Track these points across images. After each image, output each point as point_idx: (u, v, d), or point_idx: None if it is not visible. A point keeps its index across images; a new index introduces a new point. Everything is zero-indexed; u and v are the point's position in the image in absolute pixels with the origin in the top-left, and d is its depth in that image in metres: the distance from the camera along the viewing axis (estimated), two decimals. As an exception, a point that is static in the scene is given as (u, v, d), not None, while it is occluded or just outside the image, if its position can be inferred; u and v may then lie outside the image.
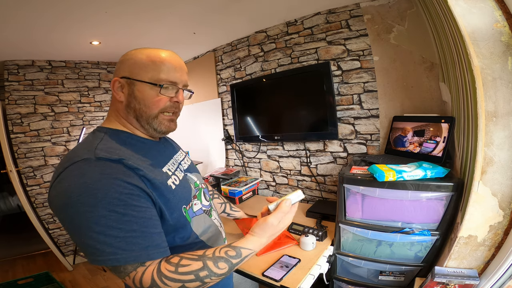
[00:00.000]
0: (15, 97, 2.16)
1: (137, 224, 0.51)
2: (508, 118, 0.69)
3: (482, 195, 0.75)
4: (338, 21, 1.52)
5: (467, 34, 0.70)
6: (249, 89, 1.96)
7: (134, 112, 0.63)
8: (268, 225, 0.60)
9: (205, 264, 0.53)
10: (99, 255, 0.48)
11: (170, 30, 1.81)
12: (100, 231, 0.48)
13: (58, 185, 0.52)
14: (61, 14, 1.42)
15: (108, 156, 0.53)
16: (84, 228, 0.48)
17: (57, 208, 0.52)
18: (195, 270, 0.52)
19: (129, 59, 0.63)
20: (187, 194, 0.68)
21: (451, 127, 1.06)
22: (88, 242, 0.49)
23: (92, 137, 0.61)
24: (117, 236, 0.49)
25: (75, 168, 0.51)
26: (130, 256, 0.50)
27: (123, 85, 0.62)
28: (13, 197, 3.75)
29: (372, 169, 1.00)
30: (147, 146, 0.66)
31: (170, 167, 0.67)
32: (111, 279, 2.21)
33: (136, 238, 0.50)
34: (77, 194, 0.48)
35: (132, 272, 0.51)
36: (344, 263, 1.20)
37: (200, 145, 2.49)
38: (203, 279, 0.52)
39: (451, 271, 0.83)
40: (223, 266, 0.54)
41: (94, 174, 0.50)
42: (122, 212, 0.49)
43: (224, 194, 1.90)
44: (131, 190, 0.52)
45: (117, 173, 0.52)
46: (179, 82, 0.64)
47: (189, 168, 0.80)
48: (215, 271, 0.53)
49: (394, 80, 1.38)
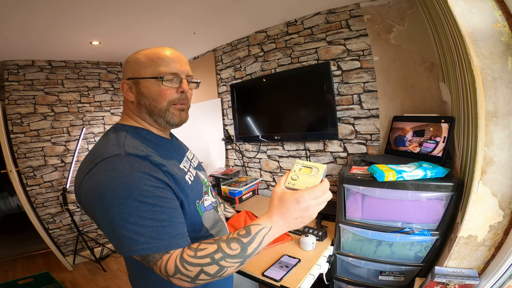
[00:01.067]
0: (15, 97, 2.16)
1: (165, 214, 0.54)
2: (508, 118, 0.69)
3: (482, 195, 0.75)
4: (338, 21, 1.52)
5: (467, 34, 0.70)
6: (249, 89, 1.96)
7: (146, 108, 0.66)
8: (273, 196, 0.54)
9: (219, 246, 0.53)
10: (134, 245, 0.51)
11: (170, 30, 1.81)
12: (134, 221, 0.51)
13: (90, 180, 0.54)
14: (60, 14, 1.42)
15: (137, 152, 0.57)
16: (119, 219, 0.51)
17: (91, 202, 0.54)
18: (210, 252, 0.52)
19: (130, 61, 0.66)
20: (200, 189, 0.72)
21: (451, 127, 1.06)
22: (123, 233, 0.51)
23: (116, 134, 0.63)
24: (149, 225, 0.51)
25: (107, 163, 0.54)
26: (161, 244, 0.52)
27: (131, 85, 0.66)
28: (13, 197, 3.75)
29: (372, 169, 1.00)
30: (164, 144, 0.70)
31: (185, 164, 0.71)
32: (111, 279, 2.21)
33: (165, 228, 0.53)
34: (112, 187, 0.51)
35: (159, 261, 0.53)
36: (344, 263, 1.20)
37: (200, 145, 2.49)
38: (218, 262, 0.52)
39: (451, 271, 0.83)
40: (235, 246, 0.53)
41: (125, 168, 0.53)
42: (152, 203, 0.52)
43: (224, 194, 1.90)
44: (158, 183, 0.55)
45: (145, 168, 0.55)
46: (180, 73, 0.66)
47: (198, 166, 0.83)
48: (228, 252, 0.52)
49: (394, 80, 1.38)
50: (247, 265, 1.08)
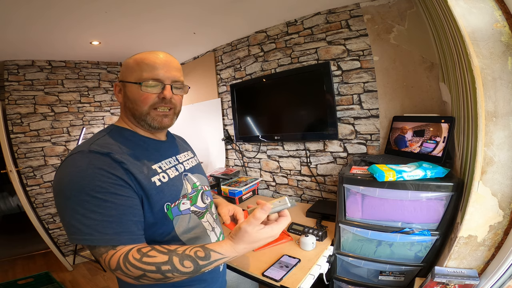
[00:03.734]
0: (15, 97, 2.16)
1: (115, 211, 0.56)
2: (508, 118, 0.69)
3: (482, 195, 0.75)
4: (338, 21, 1.52)
5: (467, 34, 0.70)
6: (249, 89, 1.96)
7: (130, 110, 0.69)
8: (241, 232, 0.56)
9: (170, 259, 0.54)
10: (78, 234, 0.54)
11: (170, 31, 1.81)
12: (83, 213, 0.54)
13: (56, 175, 0.60)
14: (61, 14, 1.42)
15: (99, 149, 0.60)
16: (69, 210, 0.55)
17: (54, 194, 0.59)
18: (158, 262, 0.54)
19: (123, 65, 0.71)
20: (174, 192, 0.70)
21: (451, 127, 1.06)
22: (71, 222, 0.55)
23: (98, 133, 0.68)
24: (95, 219, 0.54)
25: (71, 159, 0.59)
26: (103, 238, 0.55)
27: (120, 88, 0.70)
28: (13, 197, 3.75)
29: (372, 169, 1.00)
30: (146, 144, 0.71)
31: (162, 165, 0.71)
32: (111, 279, 2.20)
33: (112, 223, 0.55)
34: (67, 181, 0.56)
35: (104, 254, 0.56)
36: (344, 263, 1.20)
37: (200, 145, 2.49)
38: (164, 273, 0.53)
39: (451, 271, 0.83)
40: (188, 265, 0.54)
41: (83, 164, 0.57)
42: (103, 198, 0.55)
43: (224, 194, 1.90)
44: (115, 180, 0.58)
45: (103, 165, 0.58)
46: (164, 79, 0.67)
47: (192, 168, 0.81)
48: (179, 268, 0.54)
49: (394, 80, 1.38)
50: (247, 265, 1.08)
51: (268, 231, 0.57)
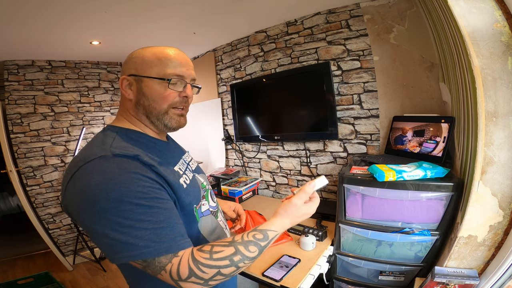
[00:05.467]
0: (15, 97, 2.16)
1: (163, 215, 0.51)
2: (508, 118, 0.69)
3: (482, 195, 0.75)
4: (338, 21, 1.52)
5: (467, 34, 0.70)
6: (249, 89, 1.96)
7: (144, 109, 0.63)
8: (291, 206, 0.63)
9: (237, 249, 0.54)
10: (132, 250, 0.47)
11: (170, 30, 1.81)
12: (130, 224, 0.47)
13: (75, 186, 0.50)
14: (61, 14, 1.42)
15: (125, 153, 0.53)
16: (113, 223, 0.47)
17: (78, 208, 0.50)
18: (229, 255, 0.53)
19: (135, 57, 0.63)
20: (197, 194, 0.68)
21: (451, 127, 1.06)
22: (118, 238, 0.47)
23: (104, 136, 0.59)
24: (147, 228, 0.48)
25: (92, 165, 0.50)
26: (162, 247, 0.49)
27: (131, 82, 0.62)
28: (13, 197, 3.75)
29: (372, 169, 1.00)
30: (157, 145, 0.66)
31: (180, 167, 0.68)
32: (111, 279, 2.21)
33: (164, 229, 0.50)
34: (100, 191, 0.47)
35: (168, 265, 0.50)
36: (344, 263, 1.20)
37: (200, 145, 2.49)
38: (237, 264, 0.53)
39: (451, 271, 0.83)
40: (254, 249, 0.56)
41: (113, 170, 0.50)
42: (147, 205, 0.49)
43: (224, 194, 1.90)
44: (152, 183, 0.53)
45: (136, 168, 0.52)
46: (187, 77, 0.64)
47: (196, 169, 0.80)
48: (247, 255, 0.55)
49: (394, 80, 1.38)
50: (247, 265, 1.08)
51: (308, 207, 0.65)
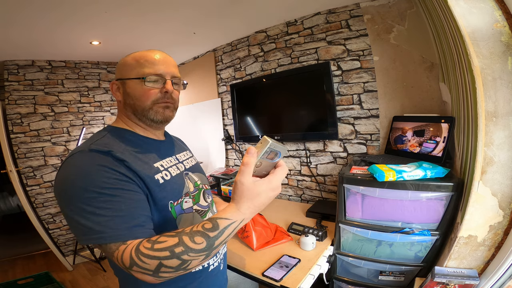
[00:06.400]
0: (15, 97, 2.16)
1: (125, 205, 0.55)
2: (508, 118, 0.69)
3: (482, 195, 0.75)
4: (338, 21, 1.52)
5: (467, 34, 0.70)
6: (249, 89, 1.96)
7: (131, 107, 0.70)
8: (238, 186, 0.52)
9: (181, 240, 0.50)
10: (90, 234, 0.52)
11: (170, 31, 1.81)
12: (91, 211, 0.52)
13: (57, 176, 0.59)
14: (61, 14, 1.42)
15: (100, 148, 0.60)
16: (77, 209, 0.53)
17: (57, 195, 0.58)
18: (170, 246, 0.50)
19: (120, 64, 0.71)
20: (176, 190, 0.70)
21: (451, 127, 1.06)
22: (81, 222, 0.53)
23: (96, 134, 0.67)
24: (106, 215, 0.53)
25: (71, 159, 0.59)
26: (115, 234, 0.52)
27: (119, 86, 0.71)
28: (13, 197, 3.75)
29: (372, 169, 1.00)
30: (145, 143, 0.72)
31: (164, 163, 0.71)
32: (111, 279, 2.20)
33: (123, 218, 0.54)
34: (71, 180, 0.55)
35: (115, 251, 0.52)
36: (344, 263, 1.20)
37: (200, 145, 2.49)
38: (179, 256, 0.49)
39: (451, 271, 0.83)
40: (200, 240, 0.50)
41: (85, 162, 0.57)
42: (111, 194, 0.54)
43: (224, 194, 1.90)
44: (120, 176, 0.57)
45: (105, 162, 0.57)
46: (165, 74, 0.69)
47: (192, 168, 0.82)
48: (192, 247, 0.50)
49: (394, 80, 1.38)
50: (246, 265, 1.08)
51: (265, 182, 0.54)
